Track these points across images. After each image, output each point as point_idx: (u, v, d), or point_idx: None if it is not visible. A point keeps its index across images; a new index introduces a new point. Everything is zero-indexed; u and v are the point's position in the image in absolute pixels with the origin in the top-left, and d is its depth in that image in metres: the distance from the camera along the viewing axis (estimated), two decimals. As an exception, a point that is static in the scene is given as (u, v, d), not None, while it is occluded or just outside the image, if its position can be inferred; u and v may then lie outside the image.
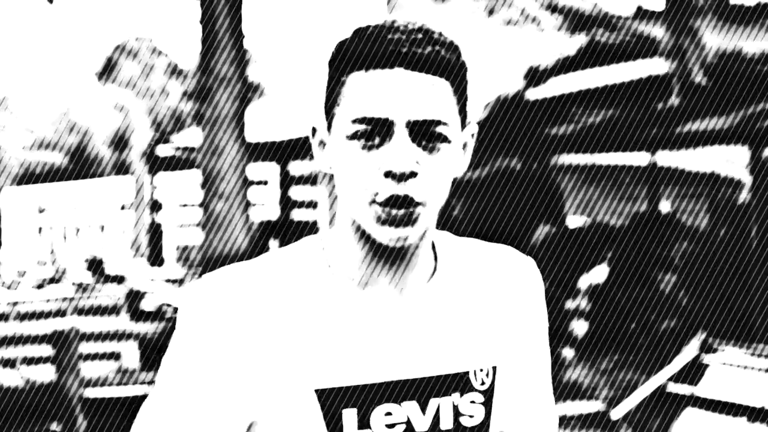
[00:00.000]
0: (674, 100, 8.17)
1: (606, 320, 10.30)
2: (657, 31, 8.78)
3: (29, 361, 7.34)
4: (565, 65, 9.51)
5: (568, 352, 10.03)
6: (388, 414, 1.37)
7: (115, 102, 27.58)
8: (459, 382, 1.40)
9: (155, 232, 17.02)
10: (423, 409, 1.39)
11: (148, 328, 8.33)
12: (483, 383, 1.42)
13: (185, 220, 16.97)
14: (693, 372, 5.35)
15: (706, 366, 5.33)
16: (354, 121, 1.34)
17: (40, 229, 21.78)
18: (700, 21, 7.95)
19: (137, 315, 8.77)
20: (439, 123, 1.34)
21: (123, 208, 19.81)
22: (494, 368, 1.43)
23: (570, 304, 10.61)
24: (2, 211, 22.33)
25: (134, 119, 25.99)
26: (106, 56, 29.03)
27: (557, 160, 13.26)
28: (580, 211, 13.69)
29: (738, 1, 8.67)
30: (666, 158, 13.59)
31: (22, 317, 7.74)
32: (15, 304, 7.78)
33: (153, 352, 8.07)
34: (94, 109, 28.01)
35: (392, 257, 1.40)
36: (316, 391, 1.36)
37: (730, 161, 13.71)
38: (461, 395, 1.40)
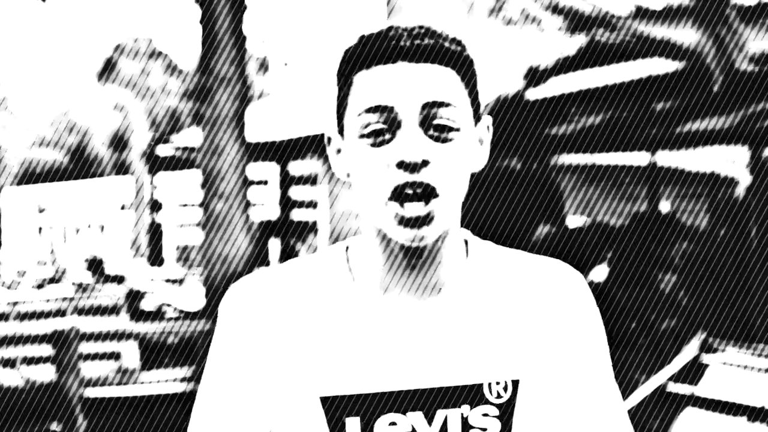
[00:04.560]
0: (717, 90, 8.13)
1: (606, 320, 10.28)
2: (660, 30, 8.78)
3: (29, 361, 7.34)
4: (565, 65, 9.51)
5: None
6: (393, 424, 1.36)
7: (115, 102, 27.57)
8: (470, 394, 1.37)
9: (155, 232, 17.02)
10: (429, 420, 1.36)
11: (148, 328, 8.33)
12: (500, 396, 1.38)
13: (185, 220, 16.97)
14: (693, 372, 5.35)
15: (706, 366, 5.32)
16: (361, 114, 1.34)
17: (40, 229, 21.78)
18: (731, 10, 7.95)
19: (137, 315, 8.78)
20: (447, 105, 1.33)
21: (123, 208, 19.81)
22: (515, 382, 1.39)
23: (570, 304, 10.59)
24: (2, 211, 22.32)
25: (134, 119, 25.98)
26: (106, 56, 29.02)
27: (557, 160, 13.25)
28: (580, 211, 13.69)
29: (738, 1, 8.67)
30: (666, 158, 13.58)
31: (22, 317, 7.74)
32: (15, 304, 7.78)
33: (153, 352, 8.07)
34: (94, 109, 28.01)
35: (413, 261, 1.38)
36: (322, 398, 1.36)
37: (730, 161, 13.72)
38: (471, 407, 1.37)
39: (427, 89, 1.33)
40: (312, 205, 13.54)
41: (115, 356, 7.86)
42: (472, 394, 1.37)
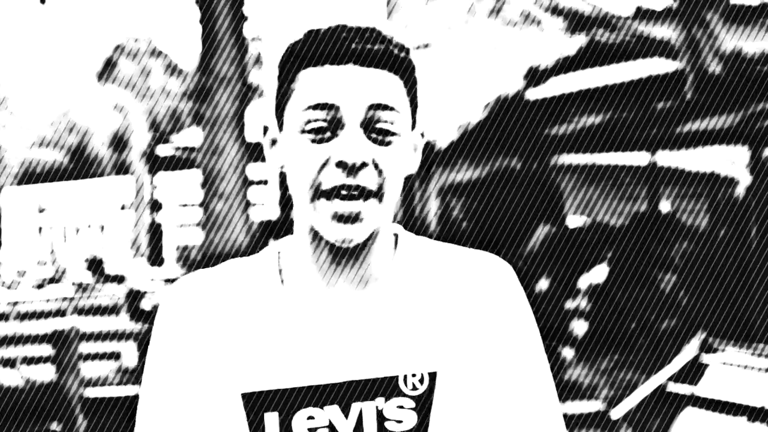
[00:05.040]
0: (688, 94, 8.15)
1: (606, 320, 10.30)
2: (659, 30, 8.78)
3: (29, 361, 7.34)
4: (565, 65, 9.51)
5: (568, 352, 10.03)
6: (310, 418, 1.36)
7: (114, 102, 27.58)
8: (385, 387, 1.37)
9: (155, 232, 17.03)
10: (345, 413, 1.37)
11: (147, 328, 8.33)
12: (415, 388, 1.37)
13: (185, 220, 16.98)
14: (693, 372, 5.35)
15: (706, 366, 5.32)
16: (306, 109, 1.35)
17: (40, 229, 21.78)
18: (712, 13, 7.94)
19: (137, 315, 8.77)
20: (390, 109, 1.35)
21: (123, 208, 19.82)
22: (432, 374, 1.38)
23: (570, 304, 10.61)
24: (2, 211, 22.32)
25: (134, 119, 25.98)
26: (106, 56, 29.03)
27: (557, 160, 13.25)
28: (580, 211, 13.69)
29: (738, 1, 8.67)
30: (666, 158, 13.58)
31: (22, 317, 7.74)
32: (15, 303, 7.78)
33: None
34: (94, 109, 28.02)
35: (341, 258, 1.40)
36: (243, 395, 1.37)
37: (730, 161, 13.71)
38: (386, 400, 1.37)
39: (372, 92, 1.35)
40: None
41: (115, 356, 7.86)
42: (387, 387, 1.37)
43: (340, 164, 1.33)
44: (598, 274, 10.83)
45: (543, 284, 10.81)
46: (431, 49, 13.09)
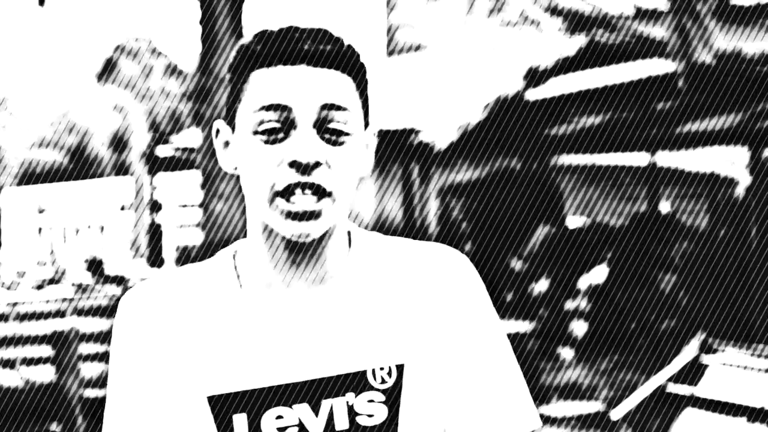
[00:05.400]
0: (681, 85, 8.14)
1: (606, 320, 10.30)
2: (659, 31, 8.78)
3: (29, 361, 7.34)
4: (565, 66, 9.51)
5: (568, 352, 10.03)
6: (279, 417, 1.37)
7: (114, 102, 27.59)
8: (354, 382, 1.38)
9: (155, 232, 17.03)
10: (315, 410, 1.37)
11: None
12: (384, 381, 1.39)
13: (185, 220, 16.98)
14: (693, 372, 5.35)
15: (706, 366, 5.32)
16: (258, 110, 1.36)
17: (40, 229, 21.78)
18: (711, 13, 7.94)
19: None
20: (341, 108, 1.36)
21: (123, 208, 19.82)
22: (399, 366, 1.39)
23: (570, 304, 10.61)
24: (2, 211, 22.33)
25: (134, 120, 25.97)
26: (106, 57, 29.03)
27: (557, 161, 13.26)
28: (580, 211, 13.69)
29: (738, 1, 8.67)
30: (666, 158, 13.58)
31: (22, 318, 7.74)
32: (15, 304, 7.78)
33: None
34: (94, 109, 28.03)
35: (297, 255, 1.41)
36: (209, 398, 1.38)
37: (730, 161, 13.71)
38: (356, 395, 1.38)
39: (324, 93, 1.36)
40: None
41: (115, 357, 7.84)
42: (356, 381, 1.38)
43: (294, 164, 1.34)
44: (598, 274, 10.83)
45: (543, 284, 10.81)
46: (431, 50, 13.08)
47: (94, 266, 13.16)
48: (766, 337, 9.21)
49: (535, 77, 9.51)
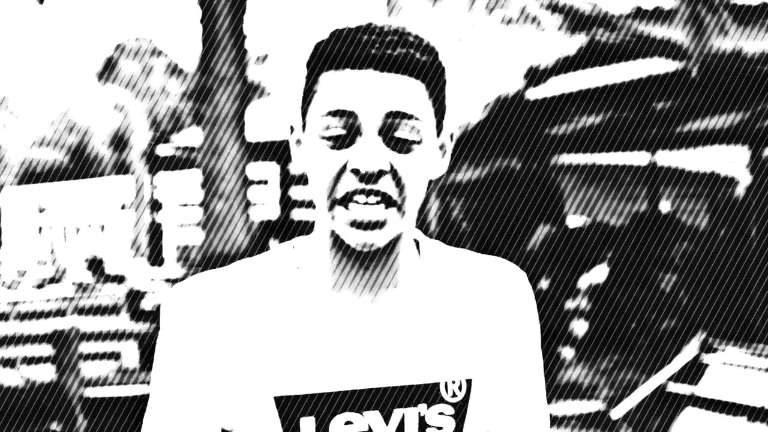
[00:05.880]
0: (694, 74, 8.11)
1: (606, 320, 10.30)
2: (659, 30, 8.78)
3: (29, 360, 7.34)
4: (565, 65, 9.50)
5: (568, 352, 10.03)
6: (349, 423, 1.35)
7: (115, 102, 27.58)
8: (427, 393, 1.37)
9: (155, 231, 17.03)
10: (386, 419, 1.36)
11: (148, 327, 8.33)
12: (455, 395, 1.39)
13: (185, 219, 16.97)
14: (693, 372, 5.35)
15: (706, 366, 5.32)
16: (324, 116, 1.33)
17: (40, 228, 21.78)
18: (712, 13, 7.94)
19: (137, 315, 8.77)
20: (410, 117, 1.33)
21: (123, 207, 19.81)
22: (469, 381, 1.40)
23: (570, 304, 10.61)
24: (2, 210, 22.33)
25: (134, 119, 25.97)
26: (106, 56, 29.03)
27: (557, 160, 13.25)
28: (580, 211, 13.69)
29: (739, 1, 8.67)
30: (666, 158, 13.58)
31: (22, 317, 7.75)
32: (15, 303, 7.79)
33: (153, 352, 8.07)
34: (94, 108, 28.02)
35: (365, 261, 1.39)
36: (276, 398, 1.35)
37: (730, 161, 13.71)
38: (428, 406, 1.37)
39: (390, 99, 1.32)
40: (312, 205, 13.53)
41: (115, 356, 7.86)
42: (429, 393, 1.37)
43: (356, 172, 1.32)
44: (598, 274, 10.83)
45: (543, 284, 10.81)
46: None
47: (95, 265, 13.16)
48: (767, 337, 9.21)
49: (535, 76, 9.51)
